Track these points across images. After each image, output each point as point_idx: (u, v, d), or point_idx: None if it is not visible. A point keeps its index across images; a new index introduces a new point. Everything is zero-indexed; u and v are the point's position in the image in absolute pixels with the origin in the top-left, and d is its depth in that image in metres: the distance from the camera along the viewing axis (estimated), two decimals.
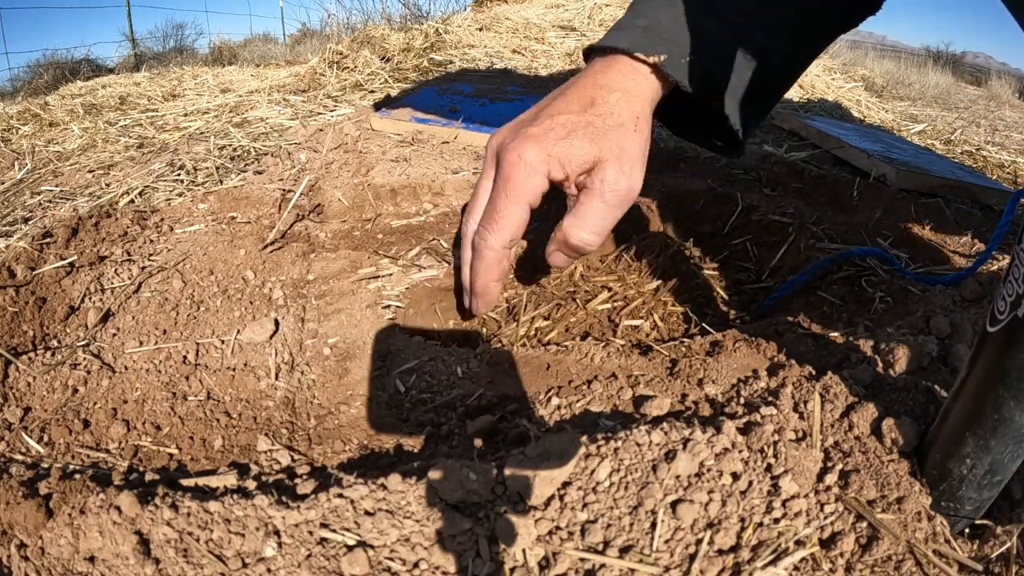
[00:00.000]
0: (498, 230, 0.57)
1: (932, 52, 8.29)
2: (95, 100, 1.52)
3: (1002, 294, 0.34)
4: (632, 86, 0.58)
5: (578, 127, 0.56)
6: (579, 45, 1.98)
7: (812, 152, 1.13)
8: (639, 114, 0.58)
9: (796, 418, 0.44)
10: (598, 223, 0.57)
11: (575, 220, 0.57)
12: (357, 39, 1.75)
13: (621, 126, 0.56)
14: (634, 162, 0.57)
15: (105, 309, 0.64)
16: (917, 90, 3.11)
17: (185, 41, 7.88)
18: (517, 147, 0.56)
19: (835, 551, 0.37)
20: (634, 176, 0.56)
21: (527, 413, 0.50)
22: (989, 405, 0.35)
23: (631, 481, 0.39)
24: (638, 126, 0.57)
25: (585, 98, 0.57)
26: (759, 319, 0.70)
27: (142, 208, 0.83)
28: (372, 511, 0.37)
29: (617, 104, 0.57)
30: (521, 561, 0.36)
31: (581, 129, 0.56)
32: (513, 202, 0.56)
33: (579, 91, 0.58)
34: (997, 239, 0.63)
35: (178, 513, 0.37)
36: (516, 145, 0.56)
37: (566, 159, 0.55)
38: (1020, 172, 1.36)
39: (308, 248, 0.77)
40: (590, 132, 0.56)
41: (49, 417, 0.51)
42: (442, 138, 1.06)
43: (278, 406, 0.53)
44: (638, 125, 0.57)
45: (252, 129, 1.15)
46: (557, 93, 0.59)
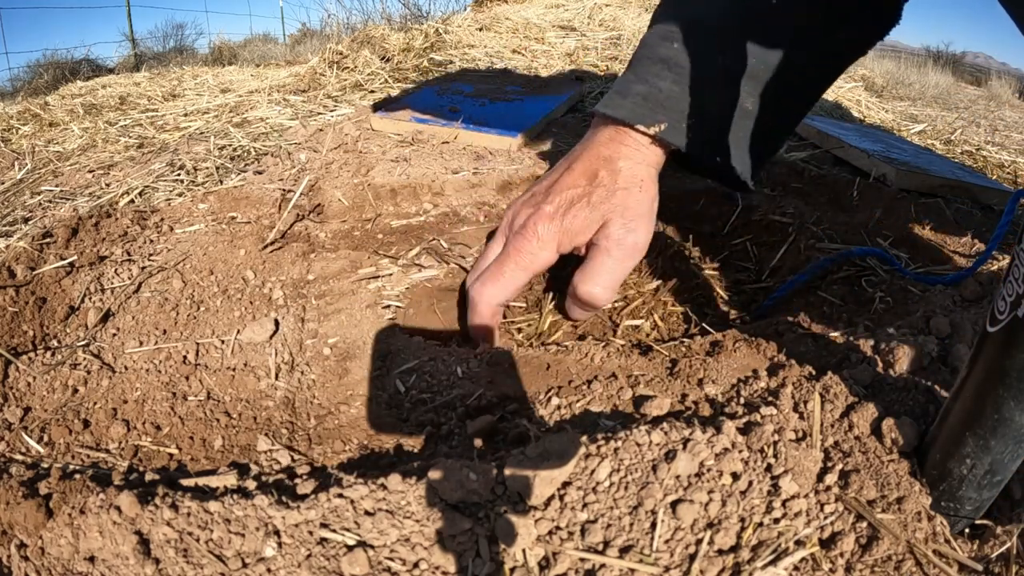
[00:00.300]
0: (499, 287, 0.61)
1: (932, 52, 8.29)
2: (95, 100, 1.52)
3: (1002, 294, 0.34)
4: (634, 154, 0.62)
5: (584, 198, 0.60)
6: (579, 45, 1.98)
7: (812, 152, 1.13)
8: (643, 177, 0.62)
9: (796, 418, 0.44)
10: (606, 277, 0.60)
11: (583, 276, 0.61)
12: (357, 39, 1.75)
13: (626, 189, 0.60)
14: (639, 218, 0.60)
15: (105, 309, 0.64)
16: (917, 90, 3.11)
17: (185, 41, 7.88)
18: (533, 221, 0.61)
19: (835, 551, 0.37)
20: (639, 231, 0.60)
21: (527, 413, 0.50)
22: (989, 405, 0.35)
23: (631, 481, 0.39)
24: (643, 187, 0.61)
25: (590, 172, 0.62)
26: (759, 319, 0.70)
27: (142, 208, 0.83)
28: (372, 511, 0.37)
29: (621, 172, 0.61)
30: (521, 561, 0.36)
31: (587, 200, 0.60)
32: (521, 269, 0.61)
33: (585, 165, 0.62)
34: (997, 239, 0.63)
35: (178, 513, 0.37)
36: (532, 220, 0.61)
37: (574, 231, 0.60)
38: (1020, 172, 1.36)
39: (308, 248, 0.77)
40: (595, 200, 0.60)
41: (49, 417, 0.51)
42: (442, 138, 1.06)
43: (278, 406, 0.53)
44: (643, 186, 0.61)
45: (252, 129, 1.15)
46: (566, 165, 0.64)
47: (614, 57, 1.89)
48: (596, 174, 0.61)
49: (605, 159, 0.62)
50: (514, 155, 0.99)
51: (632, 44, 2.04)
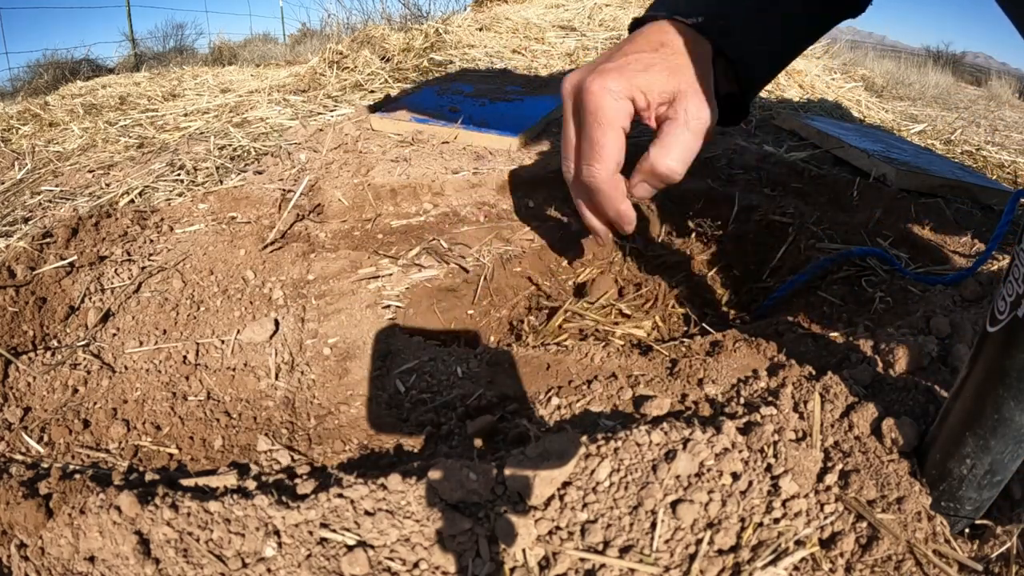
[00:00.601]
0: (603, 159, 0.59)
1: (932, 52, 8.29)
2: (95, 100, 1.52)
3: (1002, 294, 0.34)
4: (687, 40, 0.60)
5: (655, 62, 0.58)
6: (579, 45, 1.98)
7: (812, 152, 1.13)
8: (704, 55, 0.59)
9: (796, 418, 0.44)
10: (683, 151, 0.58)
11: (661, 149, 0.58)
12: (357, 39, 1.75)
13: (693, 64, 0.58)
14: (709, 96, 0.58)
15: (105, 309, 0.64)
16: (917, 90, 3.11)
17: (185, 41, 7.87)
18: (599, 80, 0.57)
19: (835, 551, 0.37)
20: (712, 111, 0.58)
21: (527, 413, 0.50)
22: (989, 405, 0.35)
23: (631, 481, 0.39)
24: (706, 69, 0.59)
25: (655, 41, 0.59)
26: (759, 319, 0.70)
27: (142, 208, 0.83)
28: (372, 511, 0.37)
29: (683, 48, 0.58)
30: (521, 561, 0.36)
31: (658, 63, 0.58)
32: (609, 128, 0.58)
33: (646, 38, 0.60)
34: (997, 239, 0.63)
35: (178, 513, 0.37)
36: (597, 78, 0.58)
37: (647, 88, 0.57)
38: (1020, 172, 1.36)
39: (308, 248, 0.77)
40: (667, 67, 0.57)
41: (49, 417, 0.51)
42: (442, 138, 1.06)
43: (278, 406, 0.53)
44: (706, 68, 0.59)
45: (252, 129, 1.15)
46: (621, 43, 0.61)
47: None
48: (661, 43, 0.59)
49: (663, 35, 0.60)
50: (514, 155, 0.99)
51: None
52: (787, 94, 1.78)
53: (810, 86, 1.91)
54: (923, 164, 1.04)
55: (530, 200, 0.91)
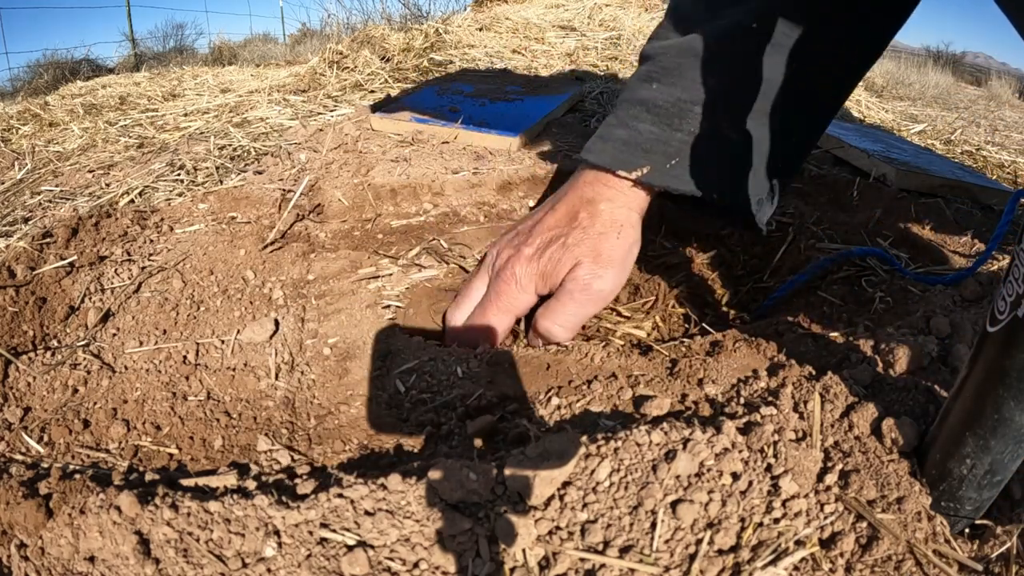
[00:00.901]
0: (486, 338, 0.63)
1: (932, 52, 8.29)
2: (95, 100, 1.52)
3: (1002, 294, 0.34)
4: (617, 197, 0.63)
5: (560, 239, 0.62)
6: (579, 45, 1.98)
7: (812, 152, 1.12)
8: (623, 222, 0.62)
9: (796, 418, 0.44)
10: (566, 318, 0.62)
11: (545, 312, 0.62)
12: (357, 39, 1.75)
13: (602, 234, 0.61)
14: (610, 264, 0.61)
15: (105, 309, 0.64)
16: (917, 90, 3.11)
17: (185, 41, 7.87)
18: (512, 264, 0.63)
19: (835, 551, 0.37)
20: (608, 278, 0.61)
21: (527, 413, 0.50)
22: (989, 405, 0.35)
23: (631, 481, 0.39)
24: (621, 233, 0.62)
25: (571, 213, 0.63)
26: (759, 319, 0.70)
27: (142, 208, 0.83)
28: (372, 511, 0.37)
29: (601, 215, 0.62)
30: (521, 561, 0.36)
31: (563, 241, 0.62)
32: (503, 313, 0.63)
33: (567, 206, 0.64)
34: (997, 239, 0.63)
35: (178, 513, 0.37)
36: (511, 263, 0.63)
37: (550, 273, 0.62)
38: (1020, 172, 1.36)
39: (308, 248, 0.77)
40: (570, 243, 0.61)
41: (49, 417, 0.51)
42: (442, 138, 1.06)
43: (278, 406, 0.53)
44: (621, 232, 0.62)
45: (252, 129, 1.15)
46: (551, 205, 0.66)
47: (614, 57, 1.89)
48: (576, 216, 0.63)
49: (587, 201, 0.63)
50: (514, 155, 0.99)
51: (632, 44, 2.04)
52: None
53: None
54: (923, 164, 1.04)
55: (530, 200, 0.91)
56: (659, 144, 0.60)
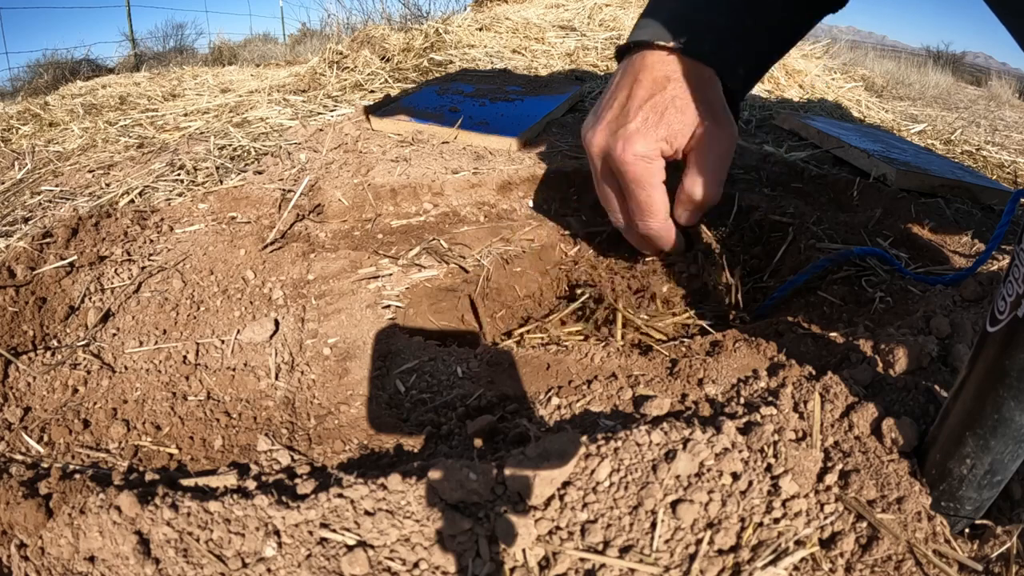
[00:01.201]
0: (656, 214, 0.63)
1: (932, 52, 8.28)
2: (95, 100, 1.52)
3: (1002, 294, 0.34)
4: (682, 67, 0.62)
5: (665, 106, 0.60)
6: (579, 45, 1.97)
7: (812, 152, 1.13)
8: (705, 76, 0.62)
9: (796, 418, 0.44)
10: (713, 176, 0.62)
11: (695, 180, 0.62)
12: (357, 39, 1.75)
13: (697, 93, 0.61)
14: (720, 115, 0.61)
15: (105, 309, 0.64)
16: (917, 90, 3.11)
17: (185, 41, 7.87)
18: (628, 147, 0.61)
19: (835, 551, 0.37)
20: (730, 123, 0.61)
21: (527, 413, 0.50)
22: (989, 405, 0.35)
23: (631, 481, 0.39)
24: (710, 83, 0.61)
25: (656, 81, 0.61)
26: (759, 319, 0.70)
27: (142, 208, 0.83)
28: (372, 511, 0.37)
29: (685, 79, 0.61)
30: (521, 561, 0.36)
31: (669, 107, 0.60)
32: (653, 189, 0.62)
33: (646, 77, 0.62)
34: (997, 239, 0.63)
35: (178, 513, 0.37)
36: (624, 145, 0.61)
37: (671, 138, 0.60)
38: (1020, 172, 1.36)
39: (308, 248, 0.77)
40: (677, 107, 0.60)
41: (49, 417, 0.51)
42: (442, 138, 1.05)
43: (278, 406, 0.53)
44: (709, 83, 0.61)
45: (252, 129, 1.15)
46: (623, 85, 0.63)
47: (614, 57, 1.89)
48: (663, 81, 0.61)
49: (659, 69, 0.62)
50: (514, 155, 0.99)
51: None
52: (787, 94, 1.78)
53: (810, 86, 1.91)
54: (923, 164, 1.04)
55: (530, 200, 0.91)
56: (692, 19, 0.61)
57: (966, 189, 0.96)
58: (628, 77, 0.64)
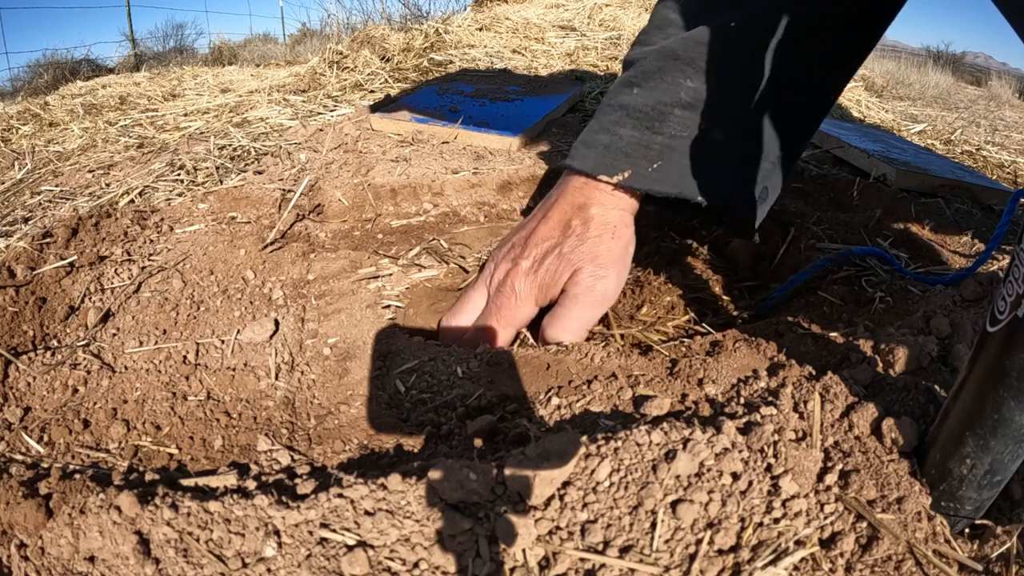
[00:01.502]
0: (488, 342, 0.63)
1: (932, 52, 8.28)
2: (95, 100, 1.52)
3: (1002, 294, 0.34)
4: (607, 200, 0.63)
5: (556, 249, 0.62)
6: (579, 45, 1.98)
7: (812, 152, 1.13)
8: (616, 223, 0.63)
9: (796, 418, 0.44)
10: (574, 324, 0.62)
11: (552, 321, 0.62)
12: (357, 39, 1.75)
13: (597, 236, 0.62)
14: (609, 265, 0.61)
15: (105, 309, 0.64)
16: (917, 90, 3.11)
17: (185, 41, 7.87)
18: (510, 278, 0.63)
19: (835, 551, 0.37)
20: (608, 279, 0.62)
21: (527, 413, 0.50)
22: (989, 405, 0.35)
23: (631, 481, 0.39)
24: (615, 233, 0.62)
25: (564, 221, 0.63)
26: (759, 319, 0.70)
27: (142, 208, 0.83)
28: (372, 511, 0.37)
29: (593, 219, 0.62)
30: (521, 561, 0.36)
31: (559, 251, 0.62)
32: (505, 326, 0.63)
33: (559, 214, 0.64)
34: (997, 239, 0.63)
35: (178, 513, 0.37)
36: (510, 277, 0.63)
37: (549, 283, 0.62)
38: (1020, 172, 1.36)
39: (308, 248, 0.77)
40: (565, 251, 0.62)
41: (49, 417, 0.51)
42: (442, 138, 1.06)
43: (278, 406, 0.53)
44: (615, 233, 0.62)
45: (252, 129, 1.15)
46: (542, 214, 0.66)
47: (614, 57, 1.89)
48: (569, 223, 0.63)
49: (578, 207, 0.63)
50: (514, 155, 0.99)
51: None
52: None
53: None
54: (923, 164, 1.04)
55: (530, 200, 0.91)
56: (640, 148, 0.61)
57: (966, 189, 0.96)
58: (549, 200, 0.66)
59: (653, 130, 0.61)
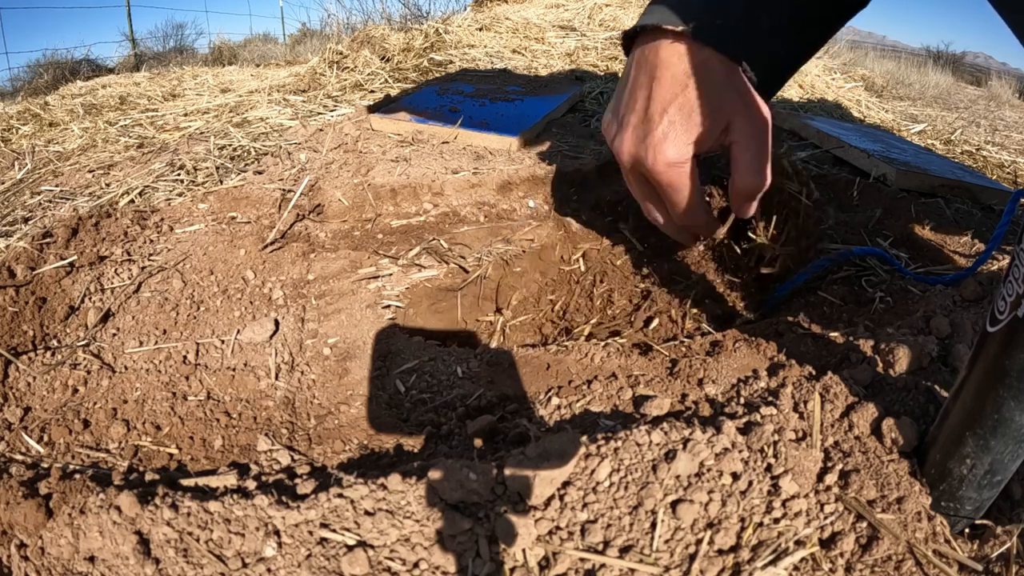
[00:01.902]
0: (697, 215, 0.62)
1: (932, 52, 8.28)
2: (95, 100, 1.52)
3: (1002, 294, 0.34)
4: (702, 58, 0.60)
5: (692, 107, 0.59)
6: (579, 45, 1.97)
7: (812, 152, 1.13)
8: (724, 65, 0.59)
9: (796, 418, 0.44)
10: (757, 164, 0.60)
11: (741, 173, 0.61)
12: (357, 39, 1.75)
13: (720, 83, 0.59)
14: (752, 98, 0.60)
15: (105, 309, 0.64)
16: (917, 90, 3.11)
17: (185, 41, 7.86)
18: (658, 155, 0.60)
19: (835, 551, 0.37)
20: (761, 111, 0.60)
21: (527, 413, 0.50)
22: (989, 405, 0.35)
23: (631, 481, 0.39)
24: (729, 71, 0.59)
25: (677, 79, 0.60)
26: (759, 319, 0.70)
27: (142, 208, 0.83)
28: (372, 511, 0.37)
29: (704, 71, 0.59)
30: (521, 561, 0.36)
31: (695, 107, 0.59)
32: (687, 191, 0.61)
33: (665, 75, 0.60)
34: (997, 239, 0.63)
35: (178, 513, 0.37)
36: (655, 155, 0.60)
37: (700, 140, 0.59)
38: (1020, 172, 1.36)
39: (308, 248, 0.77)
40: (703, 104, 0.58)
41: (49, 417, 0.51)
42: (442, 138, 1.05)
43: (278, 406, 0.53)
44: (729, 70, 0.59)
45: (252, 129, 1.15)
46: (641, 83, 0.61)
47: (614, 57, 1.89)
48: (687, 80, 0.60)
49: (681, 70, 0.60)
50: (514, 155, 0.99)
51: None
52: (787, 94, 1.78)
53: (810, 86, 1.91)
54: (923, 164, 1.04)
55: (530, 200, 0.91)
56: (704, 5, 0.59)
57: (966, 189, 0.96)
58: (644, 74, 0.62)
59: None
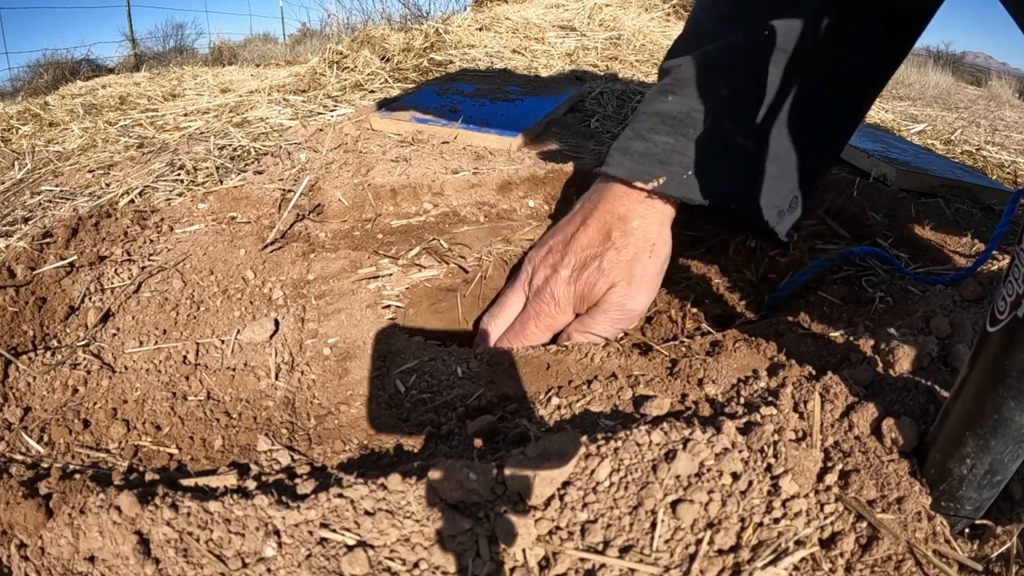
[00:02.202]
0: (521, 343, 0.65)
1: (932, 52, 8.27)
2: (95, 100, 1.52)
3: (1002, 294, 0.34)
4: (647, 212, 0.64)
5: (596, 261, 0.63)
6: (579, 45, 1.97)
7: None
8: (655, 240, 0.64)
9: (796, 418, 0.44)
10: (602, 331, 0.64)
11: (580, 327, 0.64)
12: (357, 39, 1.75)
13: (635, 255, 0.63)
14: (642, 286, 0.63)
15: (105, 309, 0.64)
16: (917, 90, 3.11)
17: (185, 41, 7.87)
18: (550, 285, 0.65)
19: (835, 551, 0.37)
20: (639, 299, 0.64)
21: (527, 413, 0.50)
22: (989, 405, 0.35)
23: (631, 481, 0.39)
24: (653, 252, 0.64)
25: (604, 230, 0.64)
26: (760, 319, 0.70)
27: (142, 208, 0.83)
28: (372, 511, 0.37)
29: (634, 233, 0.63)
30: (521, 561, 0.36)
31: (599, 263, 0.63)
32: (543, 330, 0.65)
33: (600, 222, 0.65)
34: (997, 239, 0.63)
35: (178, 513, 0.37)
36: (550, 284, 0.65)
37: (586, 295, 0.64)
38: (1020, 172, 1.36)
39: (308, 248, 0.77)
40: (605, 266, 0.63)
41: (49, 417, 0.51)
42: (442, 138, 1.05)
43: (278, 406, 0.53)
44: (653, 251, 0.64)
45: (252, 129, 1.15)
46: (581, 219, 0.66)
47: (614, 57, 1.89)
48: (610, 234, 0.64)
49: (619, 217, 0.64)
50: (514, 155, 0.99)
51: (632, 44, 2.04)
52: None
53: None
54: (923, 164, 1.03)
55: (530, 200, 0.91)
56: (674, 155, 0.61)
57: (966, 189, 0.96)
58: (588, 205, 0.67)
59: (687, 136, 0.62)
